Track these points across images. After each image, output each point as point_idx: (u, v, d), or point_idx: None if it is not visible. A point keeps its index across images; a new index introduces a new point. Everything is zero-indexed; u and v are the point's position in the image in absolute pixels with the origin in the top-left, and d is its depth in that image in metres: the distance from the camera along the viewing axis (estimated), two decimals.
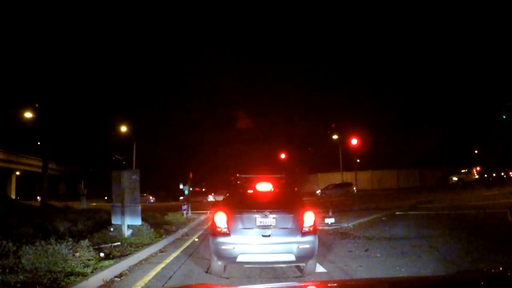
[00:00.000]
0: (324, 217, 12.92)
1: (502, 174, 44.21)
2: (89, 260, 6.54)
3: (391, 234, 10.52)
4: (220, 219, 5.99)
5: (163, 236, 10.32)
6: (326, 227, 12.18)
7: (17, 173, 52.26)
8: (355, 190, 38.23)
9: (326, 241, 9.50)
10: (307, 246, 5.82)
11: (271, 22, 68.46)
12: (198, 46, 68.42)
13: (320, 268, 6.54)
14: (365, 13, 66.63)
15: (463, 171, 44.15)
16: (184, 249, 9.08)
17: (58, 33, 28.51)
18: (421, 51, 62.89)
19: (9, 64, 26.34)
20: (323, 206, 16.83)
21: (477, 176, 43.17)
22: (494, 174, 43.92)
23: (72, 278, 5.47)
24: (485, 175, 43.38)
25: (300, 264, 6.17)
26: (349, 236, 10.49)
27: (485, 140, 47.75)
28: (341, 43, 67.00)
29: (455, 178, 43.07)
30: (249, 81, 72.87)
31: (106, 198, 44.28)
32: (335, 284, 3.28)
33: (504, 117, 22.40)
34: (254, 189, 6.52)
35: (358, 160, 44.45)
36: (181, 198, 19.77)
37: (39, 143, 36.01)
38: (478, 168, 44.83)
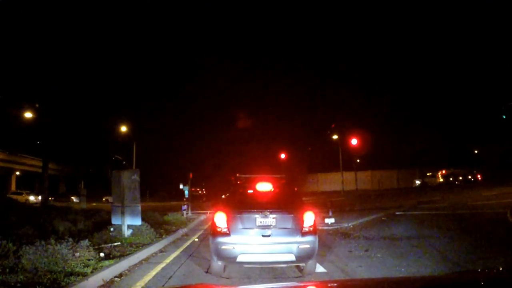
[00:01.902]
0: (324, 217, 12.92)
1: (470, 177, 42.45)
2: (89, 260, 6.54)
3: (391, 234, 10.52)
4: (220, 219, 5.99)
5: (163, 236, 10.32)
6: (326, 227, 12.17)
7: (17, 173, 52.25)
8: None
9: (326, 241, 9.50)
10: (307, 246, 5.82)
11: (271, 22, 68.48)
12: (197, 46, 68.50)
13: (320, 268, 6.54)
14: (365, 12, 66.65)
15: (428, 174, 43.25)
16: (184, 249, 9.08)
17: (58, 33, 28.54)
18: (421, 51, 62.90)
19: (9, 64, 26.34)
20: (323, 206, 16.82)
21: (441, 180, 42.50)
22: (460, 178, 42.48)
23: (72, 278, 5.47)
24: (451, 179, 42.69)
25: (300, 264, 6.17)
26: (349, 236, 10.49)
27: (485, 140, 47.63)
28: (341, 43, 67.04)
29: (418, 182, 42.34)
30: (249, 81, 72.93)
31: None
32: (335, 284, 3.28)
33: (504, 117, 22.41)
34: (254, 189, 6.52)
35: (358, 160, 44.43)
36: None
37: (38, 142, 36.03)
38: (443, 171, 44.08)
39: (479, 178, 41.50)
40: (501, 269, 4.15)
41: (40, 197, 40.20)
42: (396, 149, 47.90)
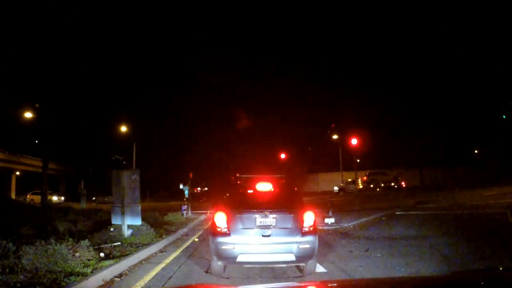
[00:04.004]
0: (324, 217, 12.91)
1: (393, 184, 41.33)
2: (89, 260, 6.54)
3: (391, 234, 10.52)
4: (220, 219, 5.99)
5: (163, 236, 10.32)
6: (326, 227, 12.17)
7: (17, 173, 52.22)
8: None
9: (326, 241, 9.50)
10: (307, 246, 5.82)
11: (271, 21, 68.45)
12: (198, 46, 68.46)
13: (320, 268, 6.54)
14: (365, 12, 66.66)
15: (349, 179, 41.85)
16: (184, 249, 9.08)
17: (58, 33, 28.53)
18: (421, 51, 62.88)
19: (9, 64, 26.35)
20: (323, 206, 16.82)
21: (361, 186, 41.27)
22: (382, 184, 41.61)
23: (72, 278, 5.47)
24: (371, 185, 41.52)
25: (300, 264, 6.17)
26: (349, 236, 10.49)
27: (485, 140, 47.60)
28: (341, 43, 67.00)
29: (336, 188, 41.20)
30: (249, 81, 72.84)
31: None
32: (335, 284, 3.28)
33: (504, 117, 22.39)
34: (254, 189, 6.52)
35: (358, 160, 44.40)
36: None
37: (37, 141, 36.08)
38: (364, 178, 42.88)
39: (403, 186, 40.44)
40: (501, 269, 4.14)
41: (63, 198, 40.43)
42: (396, 149, 47.89)
